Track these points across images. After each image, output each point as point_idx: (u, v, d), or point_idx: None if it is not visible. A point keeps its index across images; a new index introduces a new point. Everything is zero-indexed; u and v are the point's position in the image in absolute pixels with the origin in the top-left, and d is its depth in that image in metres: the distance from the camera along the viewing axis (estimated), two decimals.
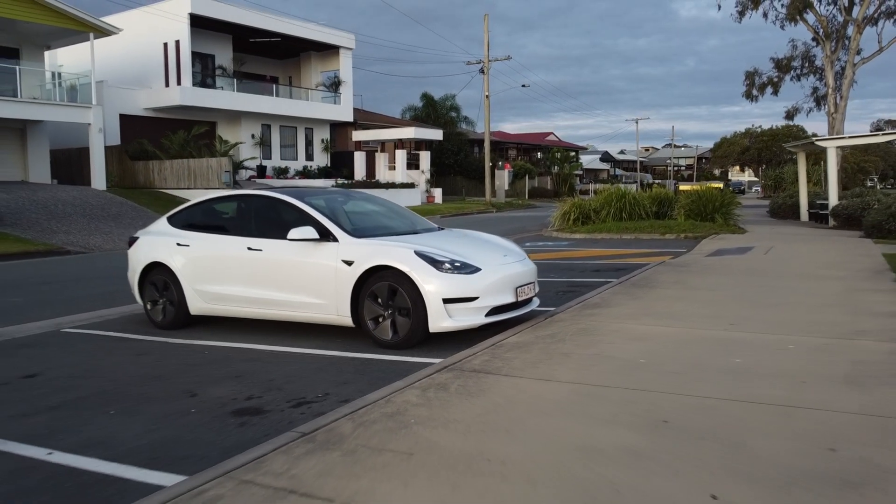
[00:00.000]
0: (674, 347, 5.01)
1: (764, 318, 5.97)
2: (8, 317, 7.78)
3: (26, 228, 17.95)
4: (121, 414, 4.24)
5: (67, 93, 24.57)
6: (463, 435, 3.35)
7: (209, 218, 7.02)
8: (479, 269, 5.71)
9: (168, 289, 6.83)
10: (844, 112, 28.58)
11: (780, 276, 8.64)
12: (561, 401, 3.86)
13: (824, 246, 12.70)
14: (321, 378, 4.93)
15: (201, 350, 5.99)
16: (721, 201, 19.30)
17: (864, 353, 4.70)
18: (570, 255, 13.35)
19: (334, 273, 5.82)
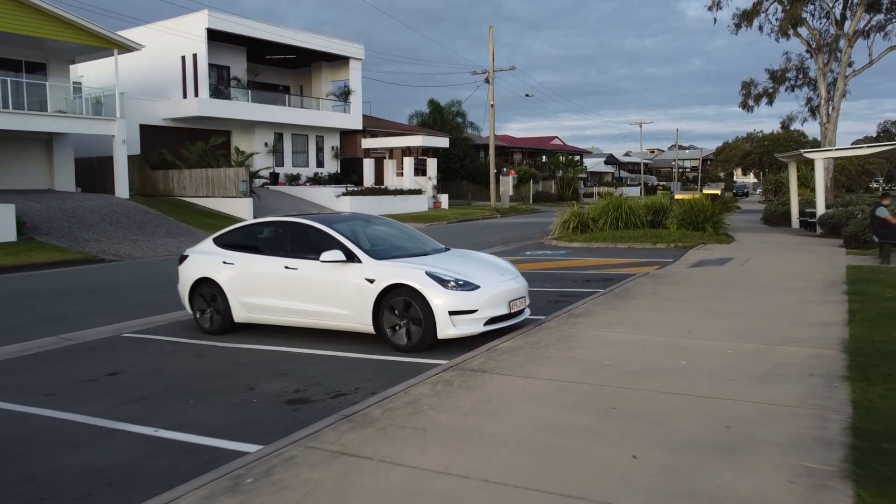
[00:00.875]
0: (635, 352, 6.19)
1: (717, 327, 7.14)
2: (72, 323, 9.01)
3: (60, 237, 19.24)
4: (198, 402, 5.46)
5: (93, 106, 25.83)
6: (463, 417, 4.54)
7: (250, 240, 8.23)
8: (478, 286, 6.90)
9: (215, 300, 8.05)
10: (836, 122, 29.63)
11: (747, 288, 9.79)
12: (538, 393, 5.04)
13: (799, 257, 13.82)
14: (351, 375, 6.13)
15: (247, 352, 7.20)
16: (711, 211, 20.34)
17: (785, 357, 5.86)
18: (567, 264, 14.52)
19: (358, 289, 7.02)
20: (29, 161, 27.12)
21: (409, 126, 51.23)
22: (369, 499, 3.39)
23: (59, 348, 7.77)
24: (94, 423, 5.03)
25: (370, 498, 3.39)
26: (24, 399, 5.72)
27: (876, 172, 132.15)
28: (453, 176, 51.89)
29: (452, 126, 54.66)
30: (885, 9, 28.46)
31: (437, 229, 27.52)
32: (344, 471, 3.71)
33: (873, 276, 10.63)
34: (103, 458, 4.34)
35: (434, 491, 3.45)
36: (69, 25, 23.91)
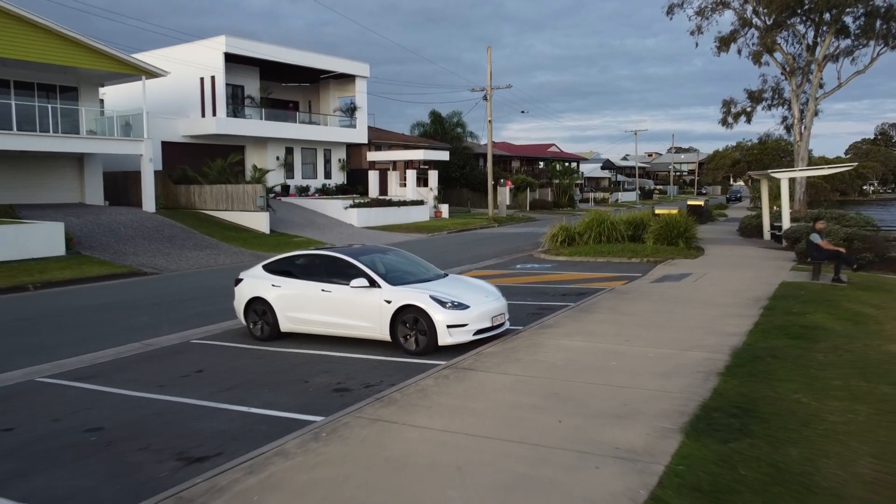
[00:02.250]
0: (582, 355, 8.51)
1: (648, 337, 9.46)
2: (148, 332, 11.34)
3: (102, 251, 21.57)
4: (271, 391, 7.78)
5: (122, 128, 28.15)
6: (455, 399, 6.86)
7: (292, 268, 10.55)
8: (468, 306, 9.22)
9: (265, 314, 10.38)
10: (808, 140, 31.95)
11: (687, 303, 12.11)
12: (506, 384, 7.36)
13: (746, 273, 16.12)
14: (376, 372, 8.46)
15: (295, 355, 9.53)
16: (685, 227, 22.59)
17: (686, 360, 8.17)
18: (550, 278, 16.84)
19: (379, 308, 9.34)
20: (62, 177, 29.48)
21: (411, 137, 53.59)
22: (398, 445, 5.71)
23: (146, 352, 10.10)
24: (203, 404, 7.36)
25: (399, 444, 5.71)
26: (143, 388, 8.05)
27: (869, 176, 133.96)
28: (454, 184, 54.20)
29: (453, 136, 56.98)
30: (852, 36, 30.78)
31: (437, 240, 29.87)
32: (381, 430, 6.04)
33: (796, 292, 12.95)
34: (221, 425, 6.67)
35: (437, 440, 5.77)
36: (103, 55, 26.28)
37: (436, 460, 5.34)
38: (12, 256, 19.26)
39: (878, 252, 17.57)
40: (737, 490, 4.67)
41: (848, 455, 5.32)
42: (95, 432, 6.58)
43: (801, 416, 6.15)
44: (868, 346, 8.89)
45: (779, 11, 29.39)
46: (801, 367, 7.75)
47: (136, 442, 6.28)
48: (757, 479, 4.83)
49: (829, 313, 10.94)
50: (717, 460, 5.15)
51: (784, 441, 5.54)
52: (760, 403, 6.44)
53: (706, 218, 37.73)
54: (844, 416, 6.20)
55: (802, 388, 6.94)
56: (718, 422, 5.95)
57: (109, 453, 6.05)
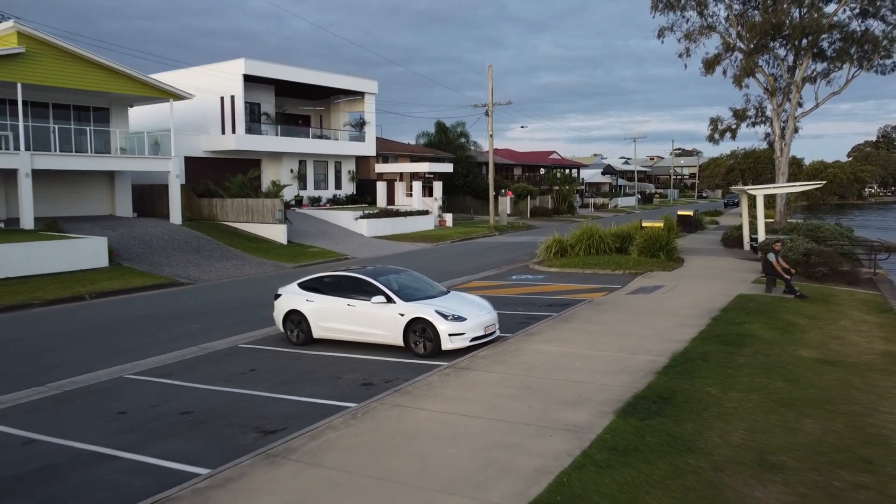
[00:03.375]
0: (554, 358, 10.82)
1: (611, 343, 11.76)
2: (201, 338, 13.70)
3: (140, 262, 23.96)
4: (312, 385, 10.12)
5: (151, 147, 30.56)
6: (454, 391, 9.18)
7: (323, 286, 12.87)
8: (466, 318, 11.54)
9: (300, 324, 12.72)
10: (788, 155, 34.16)
11: (651, 314, 14.40)
12: (493, 380, 9.68)
13: (711, 286, 18.39)
14: (393, 371, 10.79)
15: (326, 358, 11.86)
16: (666, 240, 24.82)
17: (635, 362, 10.47)
18: (540, 289, 19.15)
19: (394, 320, 11.67)
20: (95, 191, 31.94)
21: (417, 147, 55.95)
22: (412, 422, 8.02)
23: (203, 354, 12.45)
24: (263, 395, 9.70)
25: (413, 421, 8.03)
26: (212, 383, 10.39)
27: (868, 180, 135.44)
28: (457, 191, 56.54)
29: (457, 146, 59.36)
30: (828, 59, 32.98)
31: (441, 250, 32.18)
32: (399, 412, 8.36)
33: (746, 304, 15.23)
34: (281, 409, 9.01)
35: (440, 419, 8.09)
36: (137, 82, 28.73)
37: (439, 432, 7.67)
38: (64, 268, 21.66)
39: (831, 266, 19.80)
40: (640, 449, 6.98)
41: (727, 429, 7.63)
42: (188, 415, 8.93)
43: (705, 402, 8.46)
44: (783, 351, 11.18)
45: (760, 36, 31.56)
46: (721, 367, 10.05)
47: (221, 421, 8.63)
48: (656, 444, 7.14)
49: (765, 323, 13.23)
50: (633, 431, 7.47)
51: (684, 419, 7.85)
52: (678, 394, 8.75)
53: (695, 227, 39.93)
54: (738, 403, 8.51)
55: (714, 383, 9.24)
56: (642, 406, 8.26)
57: (204, 429, 8.40)
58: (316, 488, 6.29)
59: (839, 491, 6.20)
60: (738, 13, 34.23)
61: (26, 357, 12.35)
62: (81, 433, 8.30)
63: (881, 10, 32.15)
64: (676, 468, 6.56)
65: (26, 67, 25.11)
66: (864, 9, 32.44)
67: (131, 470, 7.17)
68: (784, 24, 31.07)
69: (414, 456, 7.00)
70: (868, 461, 6.88)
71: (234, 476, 6.62)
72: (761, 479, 6.38)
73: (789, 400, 8.67)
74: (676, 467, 6.58)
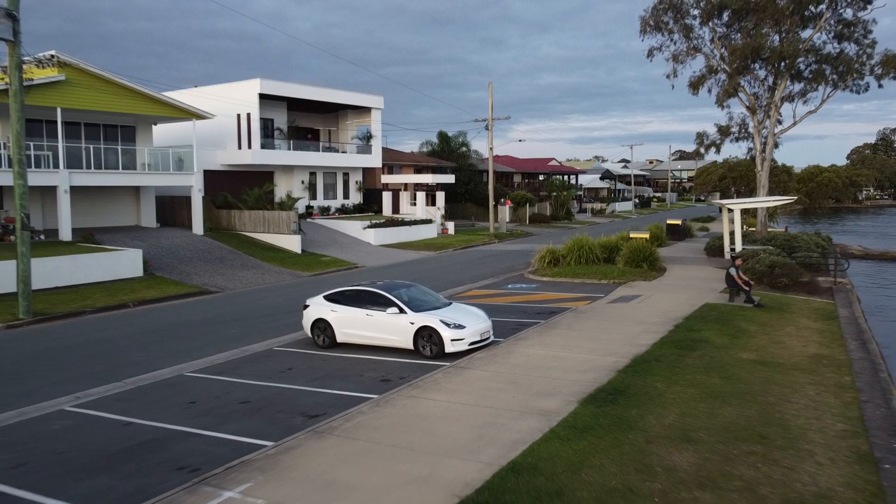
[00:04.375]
0: (537, 359, 13.22)
1: (585, 346, 14.15)
2: (240, 342, 16.12)
3: (170, 272, 26.40)
4: (341, 381, 12.54)
5: (175, 162, 33.02)
6: (455, 385, 11.59)
7: (344, 298, 15.27)
8: (465, 326, 13.96)
9: (326, 330, 15.14)
10: (768, 169, 36.51)
11: (624, 321, 16.78)
12: (486, 377, 12.09)
13: (684, 295, 20.76)
14: (405, 370, 13.21)
15: (349, 359, 14.28)
16: (649, 252, 27.19)
17: (602, 362, 12.86)
18: (532, 298, 21.54)
19: (405, 327, 14.09)
20: (122, 203, 34.41)
21: (420, 157, 58.38)
22: (423, 408, 10.43)
23: (245, 356, 14.87)
24: (303, 388, 12.12)
25: (423, 408, 10.44)
26: (259, 379, 12.81)
27: (863, 183, 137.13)
28: (459, 199, 59.00)
29: (458, 155, 61.80)
30: (805, 80, 35.34)
31: (444, 258, 34.57)
32: (413, 401, 10.78)
33: (708, 313, 17.61)
34: (319, 399, 11.43)
35: (444, 406, 10.49)
36: (164, 104, 31.20)
37: (443, 415, 10.08)
38: (105, 278, 24.11)
39: (792, 277, 22.17)
40: (593, 428, 9.38)
41: (663, 413, 10.03)
42: (246, 404, 11.35)
43: (651, 394, 10.86)
44: (727, 354, 13.58)
45: (741, 59, 33.89)
46: (671, 367, 12.45)
47: (273, 408, 11.05)
48: (606, 424, 9.54)
49: (719, 330, 15.62)
50: (590, 415, 9.87)
51: (631, 406, 10.25)
52: (630, 388, 11.15)
53: (683, 235, 42.28)
54: (677, 395, 10.91)
55: (662, 380, 11.65)
56: (600, 397, 10.67)
57: (261, 414, 10.82)
58: (354, 453, 8.70)
59: (734, 456, 8.59)
60: (721, 35, 36.59)
61: (100, 358, 14.78)
62: (166, 417, 10.72)
63: (855, 34, 34.50)
64: (617, 440, 8.97)
65: (66, 93, 27.56)
66: (840, 32, 34.77)
67: (214, 442, 9.58)
68: (763, 48, 33.40)
69: (424, 432, 9.40)
70: (764, 437, 9.28)
71: (294, 446, 9.03)
72: (679, 448, 8.78)
73: (719, 392, 11.07)
74: (618, 440, 8.99)
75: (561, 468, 8.09)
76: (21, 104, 17.95)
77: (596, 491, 7.51)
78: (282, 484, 7.80)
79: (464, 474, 7.93)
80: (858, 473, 8.27)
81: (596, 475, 7.91)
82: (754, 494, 7.55)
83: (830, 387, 11.77)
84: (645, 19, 35.78)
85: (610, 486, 7.63)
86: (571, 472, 7.99)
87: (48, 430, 10.32)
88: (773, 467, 8.31)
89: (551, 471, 8.00)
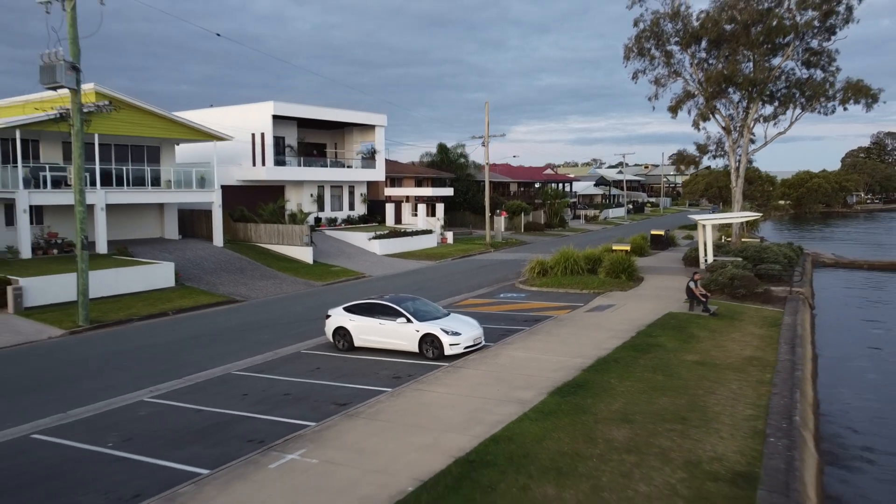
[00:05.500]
0: (518, 360, 16.28)
1: (559, 349, 17.21)
2: (273, 345, 19.19)
3: (197, 282, 29.44)
4: (361, 378, 15.62)
5: (198, 181, 36.09)
6: (452, 380, 14.67)
7: (361, 310, 18.34)
8: (460, 333, 17.05)
9: (345, 336, 18.22)
10: (741, 185, 39.63)
11: (596, 328, 19.84)
12: (478, 374, 15.17)
13: (653, 304, 23.81)
14: (411, 369, 16.29)
15: (366, 360, 17.35)
16: (627, 264, 30.21)
17: (570, 363, 15.92)
18: (521, 307, 24.60)
19: (412, 334, 17.19)
20: (147, 217, 37.49)
21: (420, 168, 61.49)
22: (427, 398, 13.50)
23: (278, 358, 17.93)
24: (331, 384, 15.19)
25: (427, 398, 13.51)
26: (294, 376, 15.87)
27: (852, 189, 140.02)
28: (458, 207, 62.13)
29: (457, 166, 64.93)
30: (775, 104, 38.49)
31: (443, 267, 37.64)
32: (419, 393, 13.85)
33: (668, 321, 20.68)
34: (346, 392, 14.50)
35: (443, 396, 13.56)
36: (189, 128, 34.31)
37: (443, 403, 13.15)
38: (142, 288, 27.18)
39: (749, 288, 25.25)
40: (556, 412, 12.45)
41: (612, 402, 13.10)
42: (288, 395, 14.41)
43: (605, 387, 13.93)
44: (674, 356, 16.65)
45: (716, 85, 37.02)
46: (625, 366, 15.51)
47: (310, 398, 14.12)
48: (566, 409, 12.61)
49: (673, 336, 18.70)
50: (555, 403, 12.94)
51: (587, 397, 13.32)
52: (590, 382, 14.22)
53: (666, 245, 45.35)
54: (626, 388, 13.98)
55: (616, 377, 14.72)
56: (564, 390, 13.74)
57: (301, 402, 13.89)
58: (377, 430, 11.76)
59: (658, 432, 11.67)
60: (700, 60, 39.69)
61: (160, 359, 17.86)
62: (228, 405, 13.79)
63: (821, 62, 37.64)
64: (574, 421, 12.04)
65: (103, 121, 30.58)
66: (807, 60, 37.89)
67: (270, 423, 12.65)
68: (736, 75, 36.52)
69: (429, 415, 12.47)
70: (685, 419, 12.35)
71: (331, 425, 12.09)
72: (618, 426, 11.86)
73: (659, 386, 14.15)
74: (574, 420, 12.06)
75: (529, 440, 11.16)
76: (82, 142, 21.03)
77: (552, 454, 10.58)
78: (327, 449, 10.87)
79: (458, 443, 11.00)
80: (749, 444, 11.34)
81: (553, 444, 10.99)
82: (666, 457, 10.62)
83: (752, 382, 14.85)
84: (629, 47, 38.89)
85: (563, 451, 10.71)
86: (536, 442, 11.07)
87: (138, 415, 13.39)
88: (685, 440, 11.38)
89: (521, 441, 11.08)
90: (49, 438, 12.20)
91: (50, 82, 20.04)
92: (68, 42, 20.47)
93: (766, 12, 35.92)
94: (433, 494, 9.13)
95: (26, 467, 10.90)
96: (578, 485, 9.53)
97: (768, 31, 35.65)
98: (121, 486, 9.98)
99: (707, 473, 10.08)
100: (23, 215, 28.40)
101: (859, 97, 35.92)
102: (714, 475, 10.01)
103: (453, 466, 10.07)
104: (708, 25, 36.64)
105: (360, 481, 9.63)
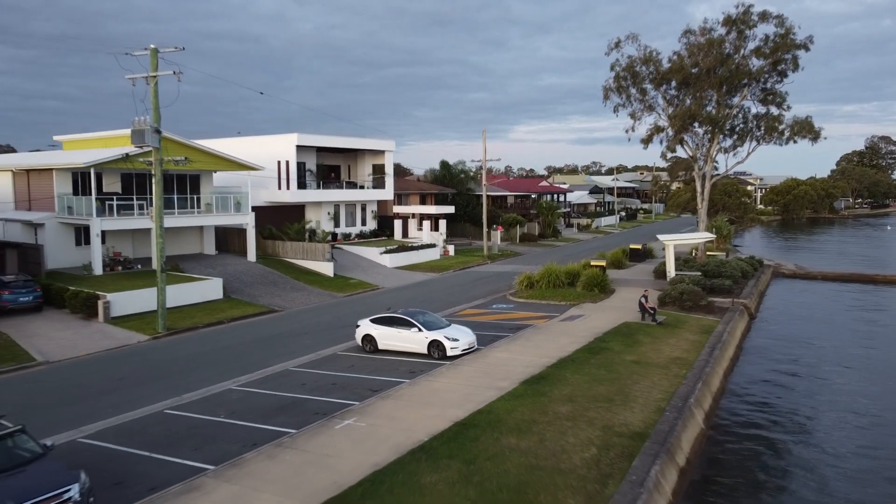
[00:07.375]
0: (500, 359, 22.07)
1: (532, 352, 22.94)
2: (314, 348, 24.98)
3: (241, 294, 35.19)
4: (385, 372, 21.41)
5: (234, 205, 41.89)
6: (452, 374, 20.43)
7: (383, 321, 24.10)
8: (459, 339, 22.86)
9: (371, 341, 24.03)
10: (706, 207, 45.36)
11: (564, 335, 25.55)
12: (470, 369, 20.92)
13: (614, 315, 29.49)
14: (423, 366, 22.06)
15: (388, 360, 23.12)
16: (601, 279, 35.85)
17: (539, 362, 21.63)
18: (509, 316, 30.34)
19: (422, 340, 22.99)
20: (189, 235, 43.30)
21: (424, 184, 67.26)
22: (436, 385, 19.25)
23: (320, 358, 23.71)
24: (365, 377, 20.96)
25: (435, 385, 19.26)
26: (336, 371, 21.65)
27: (838, 195, 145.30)
28: (459, 219, 67.88)
29: (458, 181, 70.70)
30: (736, 135, 44.23)
31: (445, 279, 43.40)
32: (429, 382, 19.60)
33: (621, 329, 26.39)
34: (376, 382, 20.29)
35: (445, 384, 19.31)
36: (229, 161, 40.16)
37: (446, 389, 18.90)
38: (197, 300, 32.96)
39: (695, 301, 30.95)
40: (523, 395, 18.19)
41: (563, 389, 18.86)
42: (335, 384, 20.18)
43: (561, 379, 19.68)
44: (618, 357, 22.36)
45: (681, 121, 42.75)
46: (578, 364, 21.24)
47: (351, 387, 19.87)
48: (530, 393, 18.36)
49: (621, 341, 24.42)
50: (523, 389, 18.69)
51: (546, 385, 19.06)
52: (549, 375, 19.96)
53: (644, 257, 51.00)
54: (576, 379, 19.73)
55: (570, 371, 20.46)
56: (531, 380, 19.49)
57: (345, 389, 19.65)
58: (403, 406, 17.50)
59: (591, 408, 17.39)
60: (671, 97, 45.38)
61: (232, 359, 23.62)
62: (293, 391, 19.54)
63: (776, 100, 43.35)
64: (534, 401, 17.78)
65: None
66: (764, 98, 43.62)
67: (327, 403, 18.39)
68: (699, 114, 42.26)
69: (436, 397, 18.21)
70: (611, 400, 18.09)
71: (370, 403, 17.82)
72: (564, 404, 17.60)
73: (600, 379, 19.87)
74: (535, 400, 17.80)
75: (502, 412, 16.92)
76: (161, 189, 26.85)
77: (516, 420, 16.33)
78: (370, 417, 16.63)
79: (456, 414, 16.76)
80: (651, 417, 17.09)
81: (518, 415, 16.74)
82: (591, 423, 16.35)
83: (670, 376, 20.58)
84: (607, 88, 44.63)
85: (524, 419, 16.46)
86: (507, 413, 16.82)
87: (232, 398, 19.15)
88: (607, 413, 17.12)
89: (497, 413, 16.83)
90: (177, 412, 17.98)
91: (140, 143, 25.89)
92: (152, 110, 26.27)
93: (726, 58, 41.67)
94: (440, 441, 14.91)
95: (172, 430, 16.68)
96: (531, 438, 15.29)
97: (728, 74, 41.38)
98: (242, 439, 15.77)
99: (615, 433, 15.81)
100: (95, 238, 34.22)
101: (804, 134, 41.68)
102: (620, 433, 15.75)
103: (452, 427, 15.84)
104: (675, 69, 42.38)
105: (393, 435, 15.40)
